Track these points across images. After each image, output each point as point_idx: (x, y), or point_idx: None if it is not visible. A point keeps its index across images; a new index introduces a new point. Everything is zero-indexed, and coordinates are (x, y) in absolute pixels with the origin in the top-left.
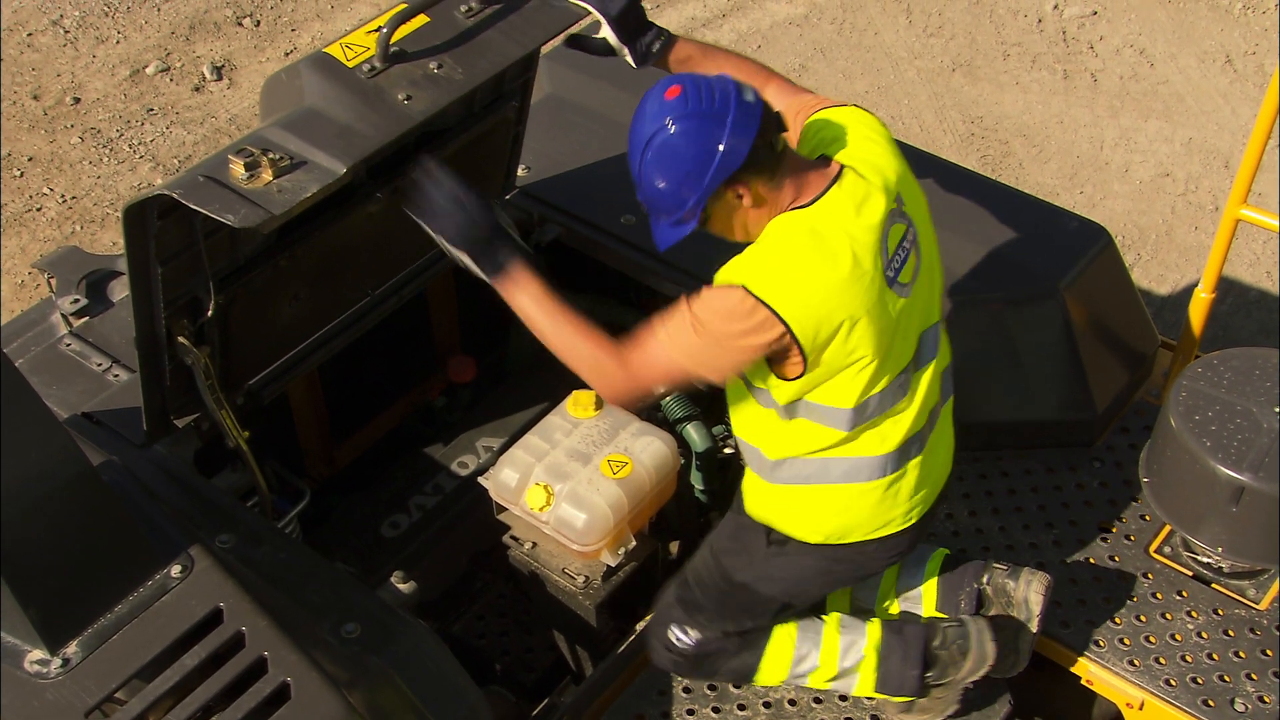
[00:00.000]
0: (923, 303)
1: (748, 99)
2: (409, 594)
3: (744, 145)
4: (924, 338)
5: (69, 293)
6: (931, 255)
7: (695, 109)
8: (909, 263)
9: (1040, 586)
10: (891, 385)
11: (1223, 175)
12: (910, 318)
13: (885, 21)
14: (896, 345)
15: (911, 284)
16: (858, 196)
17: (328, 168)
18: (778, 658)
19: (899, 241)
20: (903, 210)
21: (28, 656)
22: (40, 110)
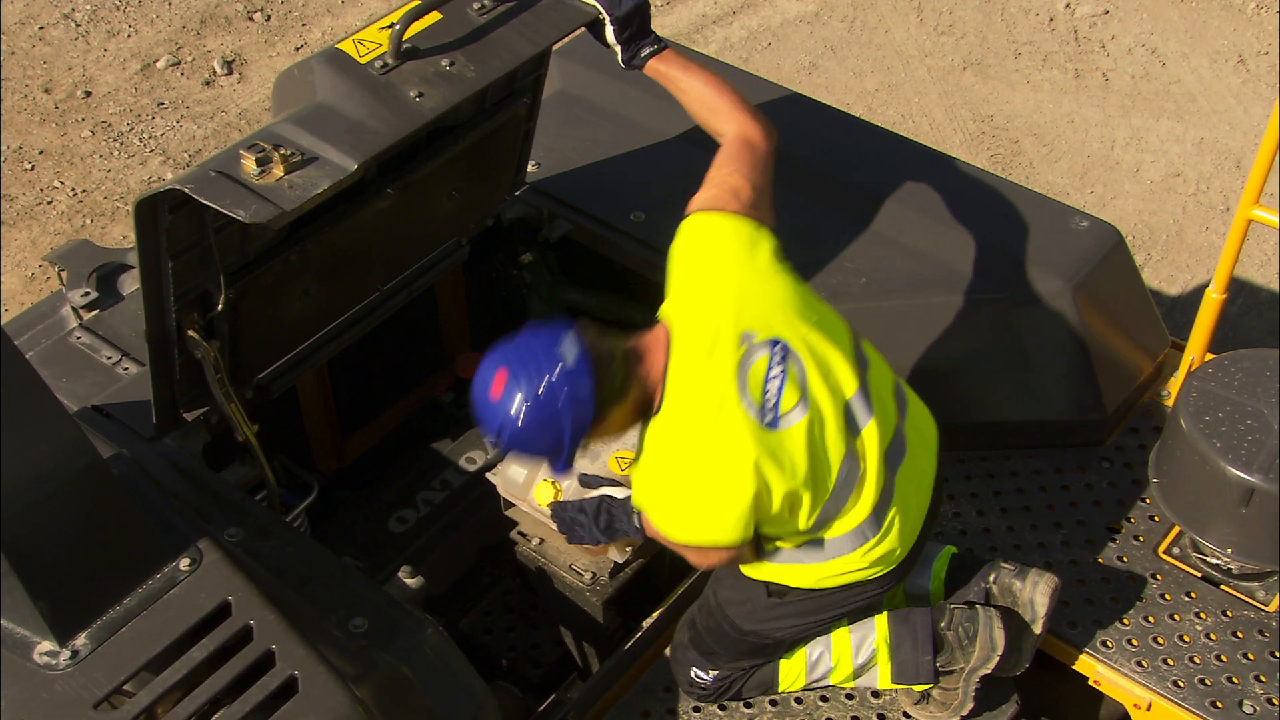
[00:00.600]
0: (825, 398)
1: (570, 366)
2: (416, 589)
3: (586, 411)
4: (847, 414)
5: (79, 286)
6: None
7: (530, 403)
8: (787, 387)
9: (1046, 588)
10: (839, 482)
11: (1234, 175)
12: (820, 421)
13: (896, 19)
14: (820, 456)
15: (801, 402)
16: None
17: (339, 164)
18: (792, 666)
19: (763, 382)
20: (755, 340)
21: (37, 648)
22: (51, 103)
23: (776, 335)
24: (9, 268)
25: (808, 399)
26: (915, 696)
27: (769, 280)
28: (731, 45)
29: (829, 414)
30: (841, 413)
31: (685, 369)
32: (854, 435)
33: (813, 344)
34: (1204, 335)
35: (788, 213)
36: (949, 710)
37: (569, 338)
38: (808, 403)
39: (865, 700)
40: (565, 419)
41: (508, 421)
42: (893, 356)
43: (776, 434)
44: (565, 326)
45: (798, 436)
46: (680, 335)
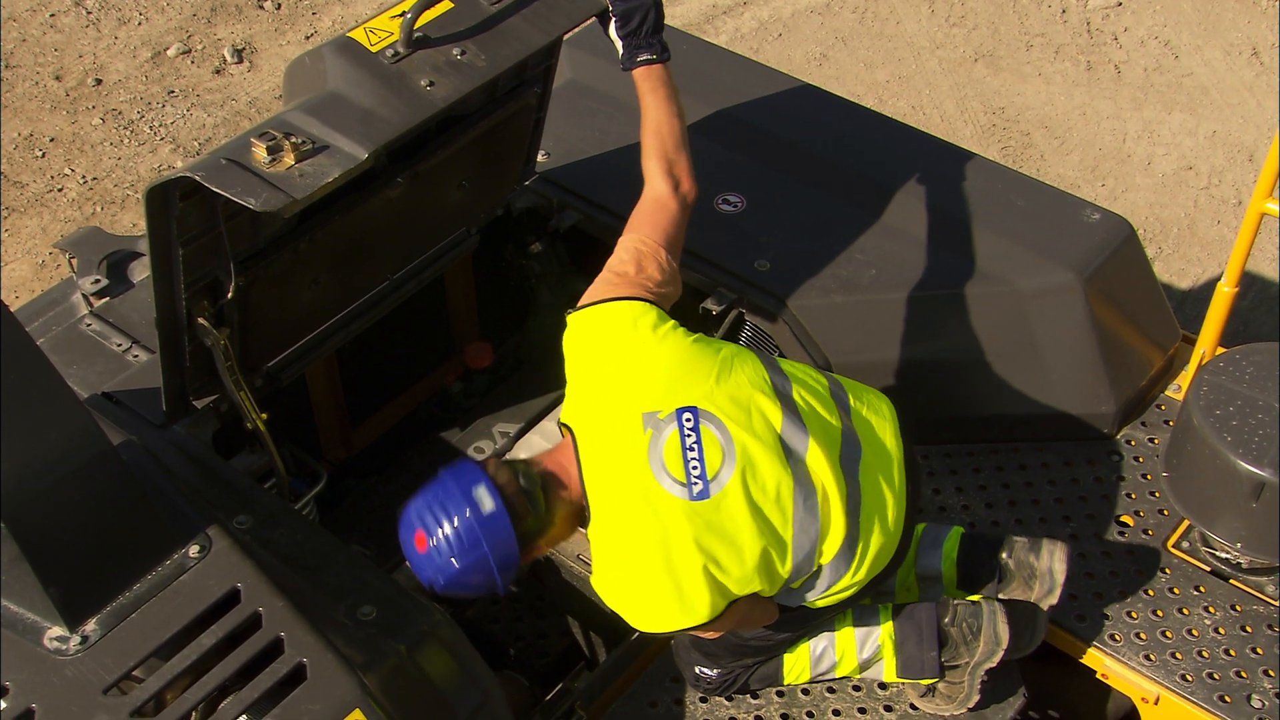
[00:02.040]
0: (753, 442)
1: (486, 510)
2: None
3: (510, 552)
4: (783, 445)
5: (90, 273)
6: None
7: (454, 557)
8: (708, 451)
9: (1063, 555)
10: (797, 512)
11: (1247, 169)
12: (752, 468)
13: (907, 10)
14: (765, 502)
15: (728, 461)
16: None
17: (349, 152)
18: (797, 659)
19: (681, 453)
20: (659, 418)
21: (47, 633)
22: (62, 91)
23: (680, 404)
24: (20, 255)
25: (733, 453)
26: (921, 689)
27: (656, 353)
28: (742, 36)
29: (760, 456)
30: (775, 447)
31: (599, 473)
32: (797, 462)
33: (720, 395)
34: (1215, 329)
35: (797, 204)
36: (955, 703)
37: (482, 489)
38: (734, 457)
39: (872, 692)
40: (491, 562)
41: (439, 575)
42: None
43: (710, 501)
44: (477, 476)
45: (734, 495)
46: (585, 440)
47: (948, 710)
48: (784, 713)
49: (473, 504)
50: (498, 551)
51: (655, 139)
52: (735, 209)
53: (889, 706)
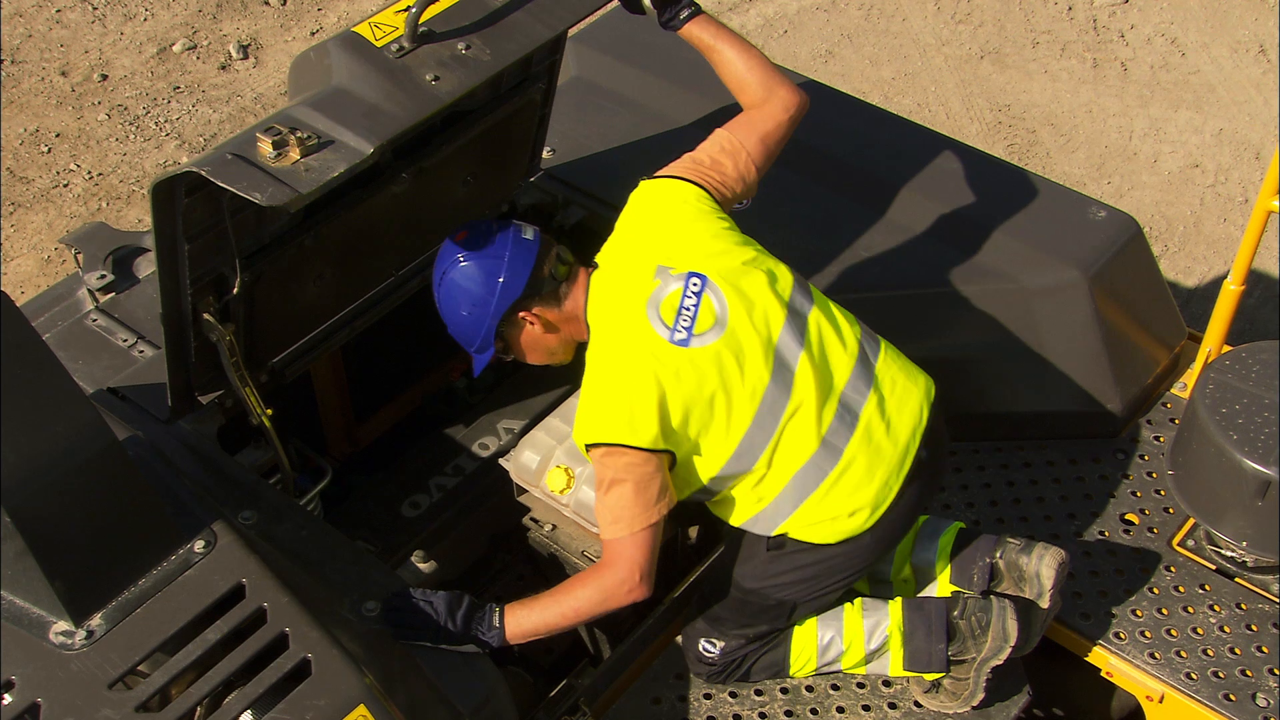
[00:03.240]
0: (748, 331)
1: (525, 237)
2: (429, 573)
3: (520, 279)
4: (779, 348)
5: (96, 269)
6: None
7: (476, 249)
8: (702, 313)
9: (1053, 561)
10: (761, 408)
11: (1253, 167)
12: (737, 347)
13: (913, 7)
14: (734, 380)
15: (716, 328)
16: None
17: (355, 147)
18: (803, 648)
19: (678, 306)
20: (671, 273)
21: (53, 628)
22: (68, 86)
23: (695, 269)
24: (25, 250)
25: (725, 327)
26: (925, 685)
27: (693, 225)
28: (748, 32)
29: (750, 345)
30: (767, 346)
31: (602, 299)
32: (783, 368)
33: (734, 278)
34: (1221, 327)
35: (803, 200)
36: (959, 700)
37: (529, 228)
38: (724, 330)
39: (876, 689)
40: (499, 273)
41: (451, 265)
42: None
43: (686, 350)
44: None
45: (708, 355)
46: (601, 274)
47: (952, 707)
48: (788, 709)
49: (516, 228)
50: (511, 272)
51: (738, 72)
52: (742, 206)
53: (893, 704)
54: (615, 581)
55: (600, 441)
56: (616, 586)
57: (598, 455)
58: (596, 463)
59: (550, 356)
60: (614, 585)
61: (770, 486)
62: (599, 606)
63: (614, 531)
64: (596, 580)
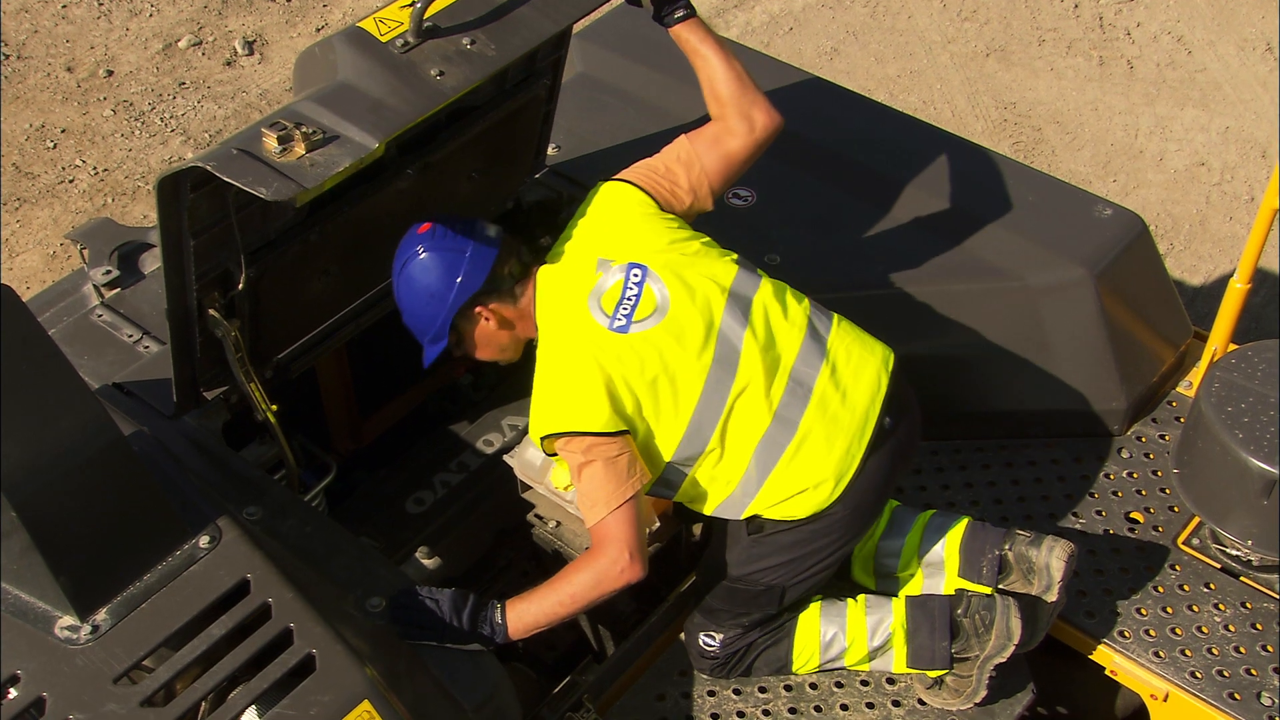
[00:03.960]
0: (689, 309)
1: (489, 234)
2: (433, 570)
3: (480, 275)
4: (721, 330)
5: (101, 264)
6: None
7: (439, 242)
8: (642, 301)
9: (1063, 554)
10: (707, 388)
11: (1259, 165)
12: (678, 330)
13: (919, 4)
14: (676, 362)
15: (656, 314)
16: (557, 290)
17: (360, 142)
18: (806, 644)
19: (619, 296)
20: (612, 265)
21: (58, 623)
22: (74, 82)
23: (634, 260)
24: (31, 245)
25: (665, 313)
26: (928, 682)
27: (635, 221)
28: (753, 29)
29: (691, 328)
30: (709, 329)
31: (548, 293)
32: (727, 349)
33: (680, 270)
34: (1227, 325)
35: (808, 198)
36: (962, 697)
37: (495, 227)
38: (665, 315)
39: (880, 686)
40: (459, 269)
41: (413, 256)
42: (913, 343)
43: (625, 337)
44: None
45: (648, 340)
46: (547, 269)
47: (954, 704)
48: (791, 706)
49: (481, 225)
50: (471, 270)
51: (718, 85)
52: (746, 203)
53: (897, 701)
54: (606, 563)
55: (556, 431)
56: (608, 568)
57: (560, 446)
58: (561, 453)
59: (501, 353)
60: (605, 567)
61: (731, 468)
62: (594, 591)
63: (595, 514)
64: (589, 565)
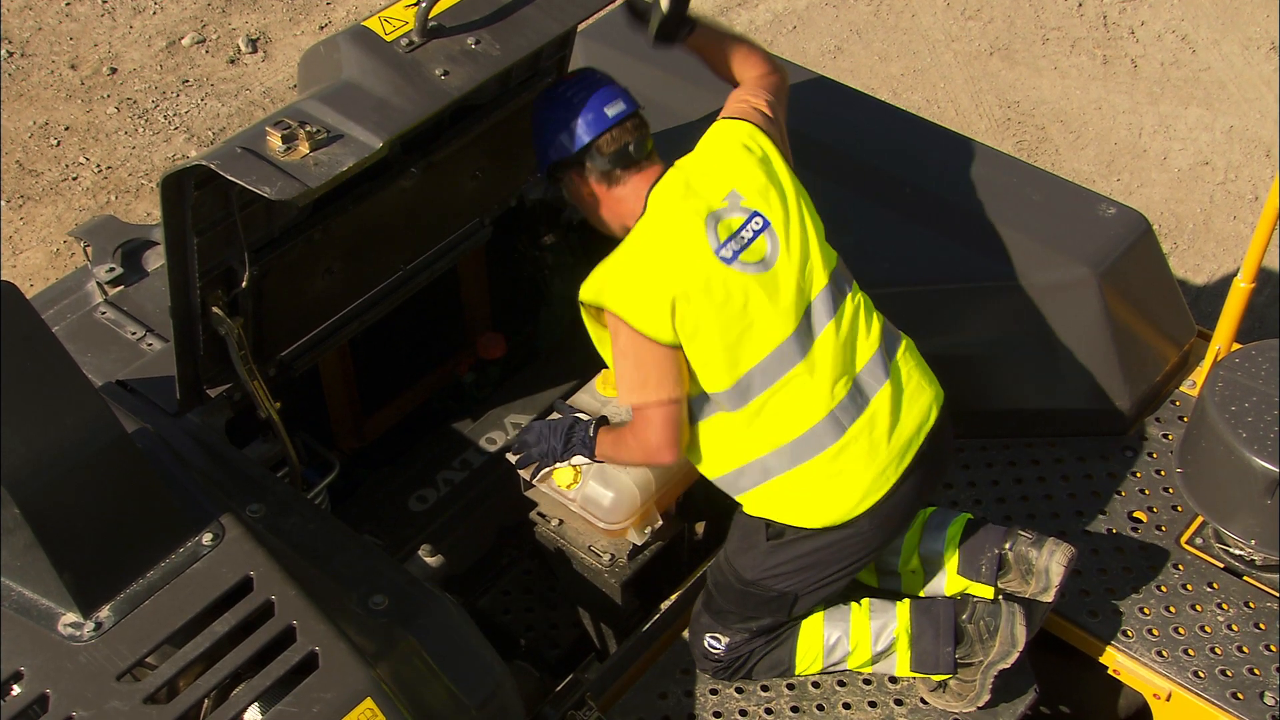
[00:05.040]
0: (791, 275)
1: (607, 112)
2: (436, 568)
3: (576, 142)
4: (813, 308)
5: (105, 261)
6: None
7: (570, 95)
8: (756, 245)
9: (1063, 558)
10: (775, 353)
11: (1263, 164)
12: (773, 288)
13: (923, 3)
14: (758, 313)
15: (761, 264)
16: (680, 191)
17: (364, 142)
18: (809, 647)
19: (734, 230)
20: (741, 203)
21: (61, 619)
22: (77, 80)
23: (761, 210)
24: (35, 243)
25: (769, 267)
26: (932, 684)
27: (782, 175)
28: (757, 28)
29: (786, 291)
30: (800, 301)
31: (669, 190)
32: (808, 328)
33: (794, 237)
34: (1231, 325)
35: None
36: (965, 701)
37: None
38: (768, 270)
39: (882, 685)
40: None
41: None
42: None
43: (725, 268)
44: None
45: (742, 281)
46: (678, 171)
47: (957, 707)
48: (794, 705)
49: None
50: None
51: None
52: None
53: (900, 700)
54: (641, 440)
55: (606, 305)
56: (643, 445)
57: (607, 320)
58: (608, 326)
59: (592, 218)
60: (641, 444)
61: (759, 440)
62: (638, 458)
63: (629, 398)
64: (634, 436)
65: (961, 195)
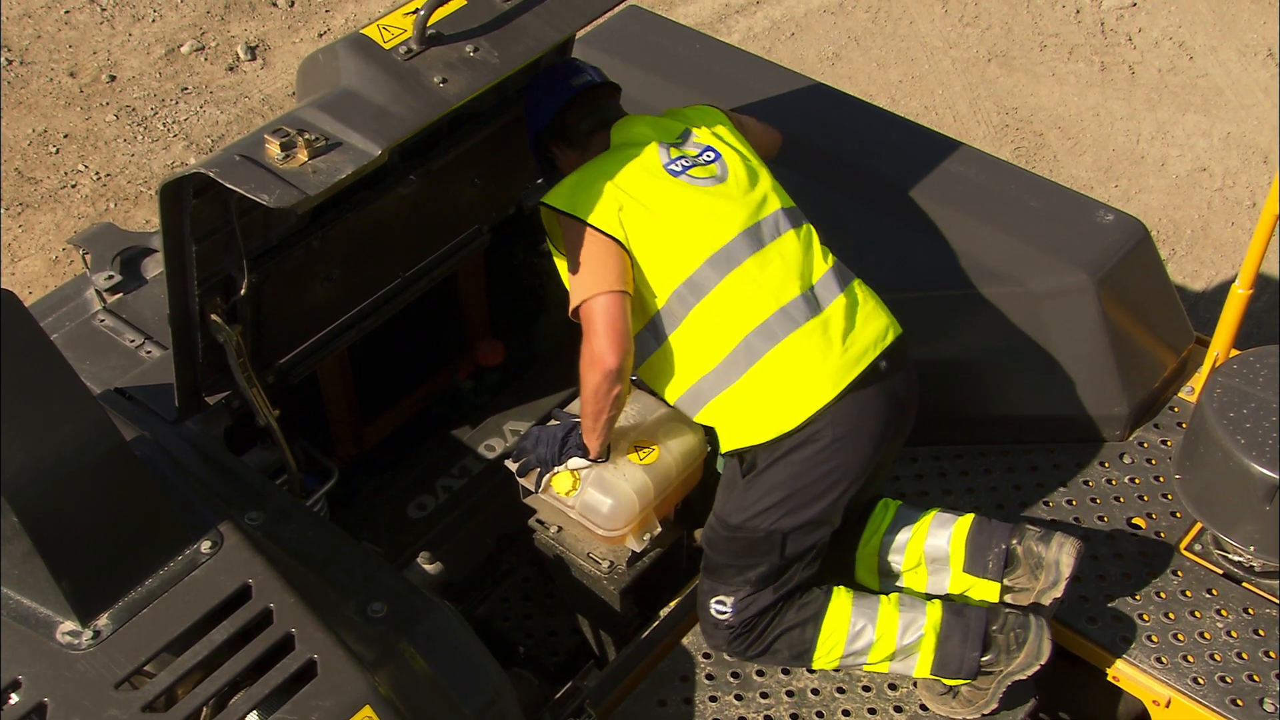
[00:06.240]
0: (743, 188)
1: (573, 83)
2: (435, 575)
3: (549, 109)
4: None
5: (103, 269)
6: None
7: (545, 73)
8: (706, 168)
9: (1072, 550)
10: (733, 243)
11: (1261, 171)
12: (724, 195)
13: (921, 10)
14: (711, 210)
15: (715, 179)
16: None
17: (363, 149)
18: (833, 631)
19: (687, 155)
20: (694, 139)
21: (59, 628)
22: (76, 87)
23: (715, 146)
24: (34, 250)
25: (723, 181)
26: (939, 689)
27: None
28: (755, 35)
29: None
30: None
31: (625, 125)
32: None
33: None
34: (1229, 331)
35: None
36: (973, 708)
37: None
38: (720, 183)
39: (881, 692)
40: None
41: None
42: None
43: (672, 180)
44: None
45: (692, 190)
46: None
47: (963, 714)
48: (793, 711)
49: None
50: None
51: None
52: None
53: (899, 707)
54: (589, 351)
55: (556, 204)
56: (590, 355)
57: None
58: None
59: None
60: (589, 355)
61: (719, 339)
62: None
63: (576, 297)
64: (583, 351)
65: (959, 201)
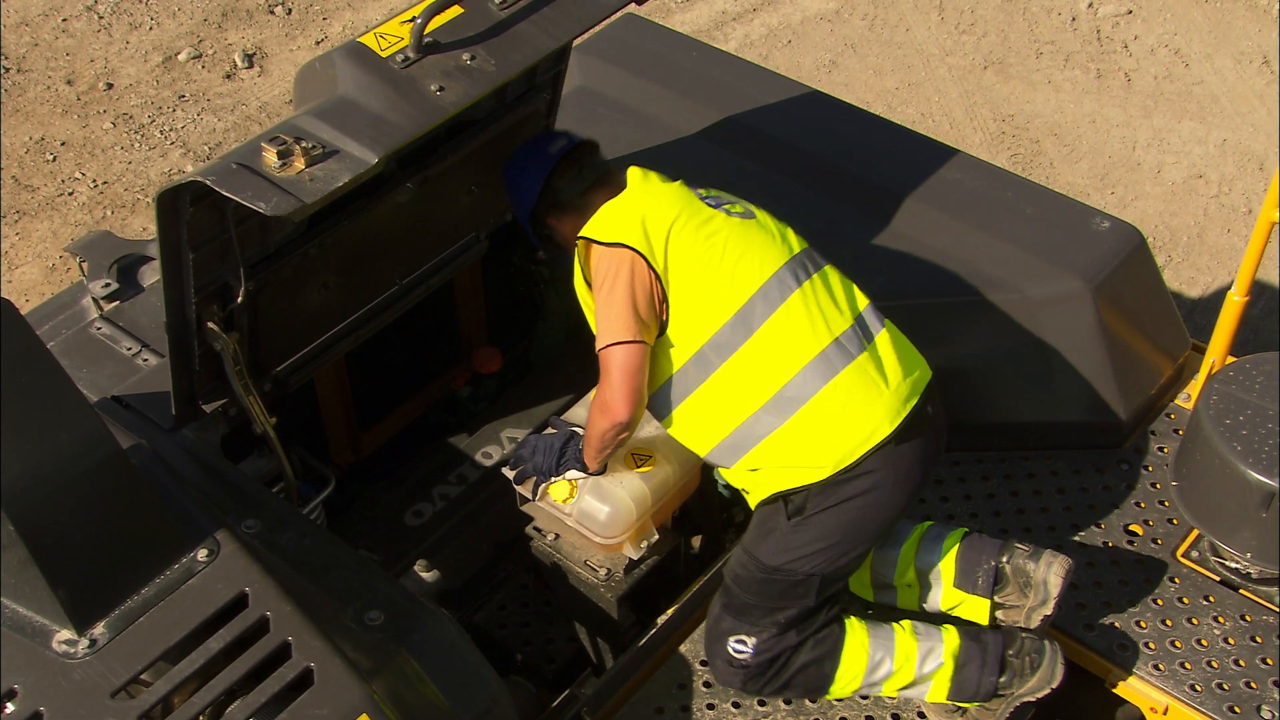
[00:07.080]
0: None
1: (550, 151)
2: (432, 583)
3: (536, 184)
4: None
5: (100, 277)
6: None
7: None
8: (735, 205)
9: (1061, 569)
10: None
11: (1257, 178)
12: (762, 230)
13: (917, 17)
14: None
15: (747, 217)
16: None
17: (360, 157)
18: (851, 665)
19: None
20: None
21: (55, 636)
22: (73, 95)
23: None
24: (30, 258)
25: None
26: (949, 708)
27: None
28: (752, 43)
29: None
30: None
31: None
32: (801, 264)
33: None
34: (1225, 338)
35: (806, 210)
36: None
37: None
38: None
39: (880, 700)
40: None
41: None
42: None
43: (709, 209)
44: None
45: (730, 220)
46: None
47: None
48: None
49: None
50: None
51: None
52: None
53: (896, 715)
54: (601, 397)
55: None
56: (601, 402)
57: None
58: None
59: None
60: (600, 403)
61: (769, 375)
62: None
63: (602, 340)
64: (596, 396)
65: (956, 209)
